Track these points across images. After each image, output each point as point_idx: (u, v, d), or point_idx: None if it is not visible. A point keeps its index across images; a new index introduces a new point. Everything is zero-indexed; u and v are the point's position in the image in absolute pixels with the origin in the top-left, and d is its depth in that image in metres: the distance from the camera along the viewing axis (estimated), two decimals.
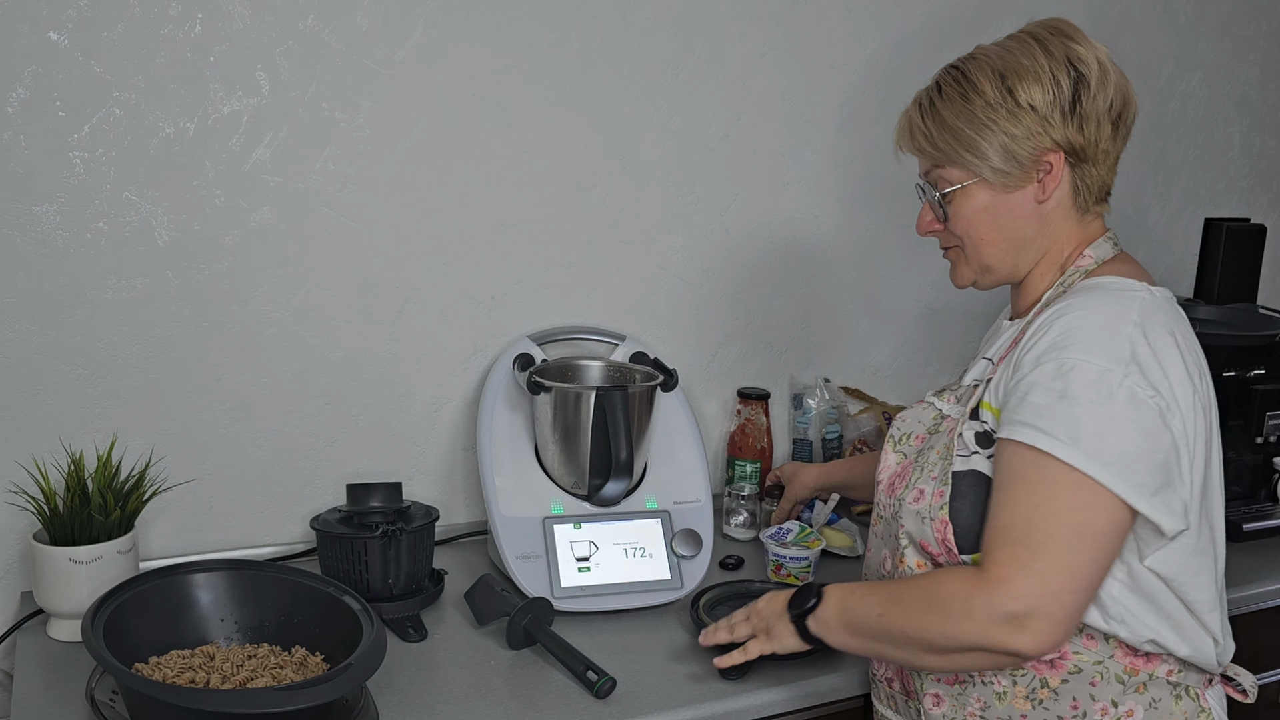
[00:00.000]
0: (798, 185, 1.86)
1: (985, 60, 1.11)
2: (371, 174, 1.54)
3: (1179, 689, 1.08)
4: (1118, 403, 0.96)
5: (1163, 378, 0.99)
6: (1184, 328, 1.07)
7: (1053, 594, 0.95)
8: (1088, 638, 1.06)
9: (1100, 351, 0.99)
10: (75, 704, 1.18)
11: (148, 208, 1.43)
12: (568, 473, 1.50)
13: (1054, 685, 1.07)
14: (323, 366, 1.57)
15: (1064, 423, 0.97)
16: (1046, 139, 1.08)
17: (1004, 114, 1.08)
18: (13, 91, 1.33)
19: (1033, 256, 1.14)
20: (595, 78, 1.66)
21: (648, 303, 1.79)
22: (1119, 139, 1.12)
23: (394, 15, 1.51)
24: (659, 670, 1.30)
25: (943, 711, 1.12)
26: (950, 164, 1.13)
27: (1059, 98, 1.08)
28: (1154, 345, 1.00)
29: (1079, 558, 0.96)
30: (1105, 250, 1.14)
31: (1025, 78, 1.08)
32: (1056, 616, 0.95)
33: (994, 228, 1.13)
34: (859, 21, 1.84)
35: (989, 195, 1.12)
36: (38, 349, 1.40)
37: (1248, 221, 2.31)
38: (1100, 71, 1.08)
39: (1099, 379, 0.97)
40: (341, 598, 1.23)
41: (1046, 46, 1.09)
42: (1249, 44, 2.29)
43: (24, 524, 1.41)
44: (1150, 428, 0.98)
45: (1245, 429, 1.83)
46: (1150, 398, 0.98)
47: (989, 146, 1.09)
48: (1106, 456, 0.96)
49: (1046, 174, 1.10)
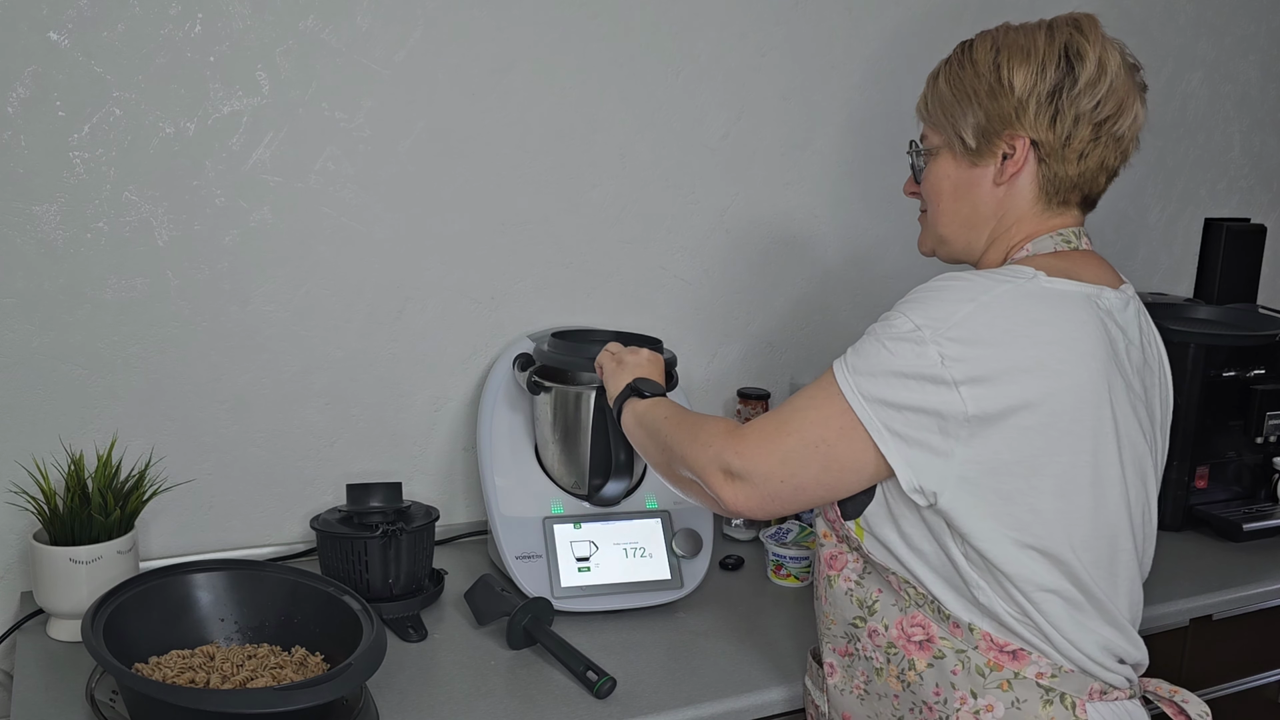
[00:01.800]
0: (798, 185, 1.86)
1: (992, 36, 1.12)
2: (371, 174, 1.54)
3: (1051, 694, 1.03)
4: (908, 358, 0.99)
5: (975, 356, 0.98)
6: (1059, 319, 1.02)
7: (768, 474, 1.05)
8: (954, 625, 1.05)
9: (922, 314, 1.01)
10: (75, 704, 1.18)
11: (148, 208, 1.43)
12: (568, 473, 1.50)
13: (920, 669, 1.07)
14: (323, 366, 1.57)
15: (859, 356, 1.03)
16: (1017, 123, 1.07)
17: (985, 88, 1.09)
18: (13, 91, 1.33)
19: (984, 238, 1.14)
20: (595, 77, 1.66)
21: (648, 303, 1.79)
22: (1101, 145, 1.08)
23: (394, 15, 1.51)
24: (659, 670, 1.30)
25: (835, 681, 1.16)
26: (933, 127, 1.15)
27: (1040, 84, 1.06)
28: (981, 327, 0.99)
29: (808, 463, 1.04)
30: (1045, 245, 1.11)
31: (1015, 57, 1.07)
32: (761, 491, 1.06)
33: (953, 199, 1.14)
34: (859, 21, 1.84)
35: (954, 165, 1.13)
36: (38, 349, 1.40)
37: (1248, 221, 2.31)
38: (1096, 71, 1.06)
39: (906, 334, 1.00)
40: (341, 598, 1.23)
41: (1052, 33, 1.08)
42: (1249, 44, 2.29)
43: (24, 524, 1.41)
44: (930, 392, 0.98)
45: (1245, 429, 1.83)
46: (946, 366, 0.98)
47: (964, 117, 1.10)
48: (872, 396, 1.00)
49: (1010, 158, 1.09)
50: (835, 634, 1.16)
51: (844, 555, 1.13)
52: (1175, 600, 1.54)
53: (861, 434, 1.01)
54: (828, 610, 1.16)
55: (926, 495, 1.01)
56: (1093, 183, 1.11)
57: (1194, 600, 1.56)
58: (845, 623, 1.13)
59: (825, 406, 1.04)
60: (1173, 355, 1.77)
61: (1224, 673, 1.65)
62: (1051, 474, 1.01)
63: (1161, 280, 2.31)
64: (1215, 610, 1.59)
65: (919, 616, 1.07)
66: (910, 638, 1.08)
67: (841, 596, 1.13)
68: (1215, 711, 1.13)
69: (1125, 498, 1.06)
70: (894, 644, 1.09)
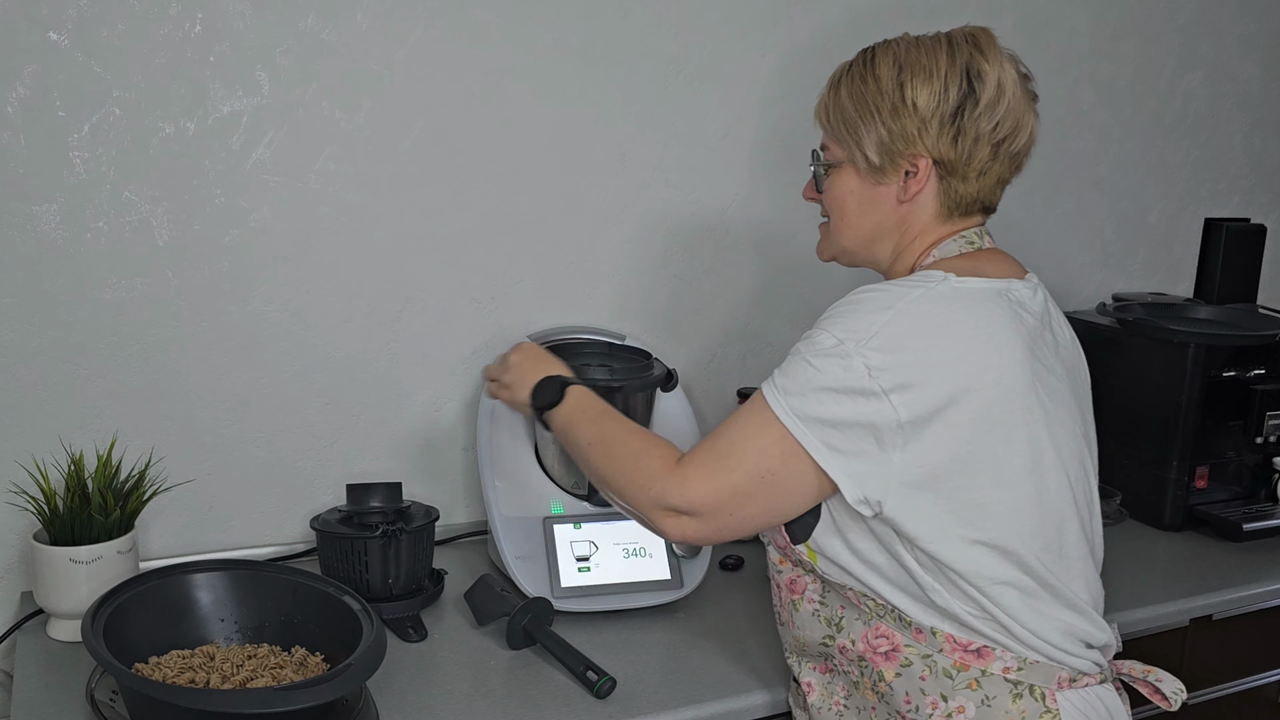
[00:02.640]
0: (798, 185, 1.85)
1: (894, 50, 1.12)
2: (371, 174, 1.54)
3: (1020, 687, 1.04)
4: (835, 373, 1.01)
5: (898, 363, 1.00)
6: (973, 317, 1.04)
7: (716, 510, 1.05)
8: (916, 631, 1.06)
9: (843, 328, 1.03)
10: (75, 704, 1.18)
11: (148, 207, 1.43)
12: (567, 473, 1.50)
13: (889, 679, 1.07)
14: (323, 366, 1.57)
15: (787, 377, 1.04)
16: (919, 143, 1.09)
17: (889, 106, 1.09)
18: (13, 91, 1.33)
19: (889, 250, 1.16)
20: (595, 78, 1.66)
21: (648, 303, 1.79)
22: (999, 163, 1.10)
23: (394, 15, 1.51)
24: (659, 670, 1.30)
25: (814, 699, 1.16)
26: (835, 140, 1.16)
27: (942, 105, 1.07)
28: (900, 333, 1.01)
29: (754, 495, 1.05)
30: (950, 249, 1.13)
31: (918, 76, 1.08)
32: (710, 525, 1.07)
33: (857, 213, 1.16)
34: (859, 21, 1.84)
35: (857, 182, 1.14)
36: (38, 349, 1.40)
37: (1248, 221, 2.31)
38: (995, 92, 1.07)
39: (829, 350, 1.02)
40: (341, 598, 1.23)
41: (953, 52, 1.09)
42: (1250, 44, 2.29)
43: (24, 524, 1.41)
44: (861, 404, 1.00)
45: (1245, 429, 1.83)
46: (873, 377, 0.99)
47: (867, 135, 1.11)
48: (806, 415, 1.01)
49: (912, 175, 1.10)
50: (810, 654, 1.17)
51: (803, 578, 1.15)
52: (1175, 600, 1.54)
53: (803, 456, 1.02)
54: (798, 634, 1.17)
55: (871, 505, 1.02)
56: (990, 196, 1.13)
57: (1194, 600, 1.56)
58: (816, 643, 1.15)
59: (763, 434, 1.04)
60: (1173, 355, 1.79)
61: (1224, 673, 1.65)
62: (989, 467, 1.02)
63: (1161, 280, 2.31)
64: (1215, 610, 1.59)
65: (882, 627, 1.08)
66: (876, 649, 1.08)
67: (809, 619, 1.15)
68: (1215, 711, 1.14)
69: (1066, 480, 1.08)
70: (863, 657, 1.10)
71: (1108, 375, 1.91)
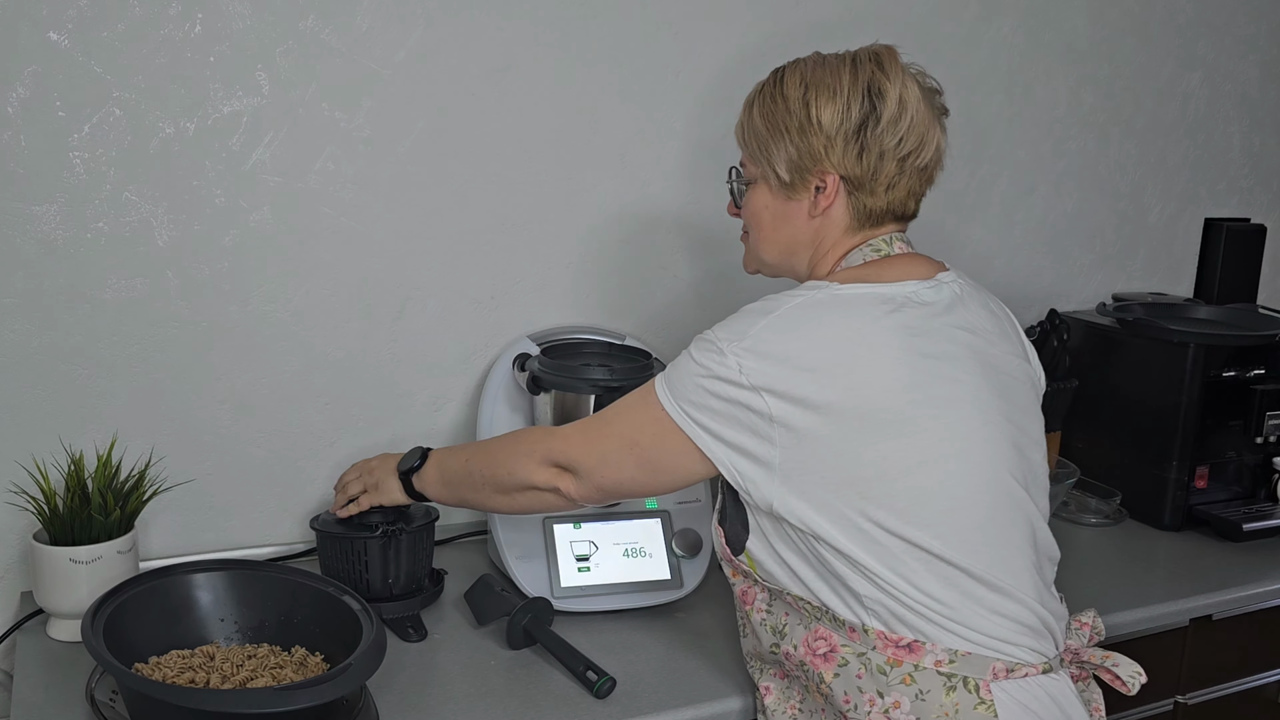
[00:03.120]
0: None
1: (801, 70, 1.16)
2: (371, 174, 1.54)
3: (953, 679, 1.04)
4: (711, 368, 1.08)
5: (769, 363, 1.05)
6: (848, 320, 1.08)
7: (591, 468, 1.17)
8: (850, 630, 1.07)
9: (724, 330, 1.09)
10: (75, 704, 1.18)
11: (148, 207, 1.43)
12: None
13: (829, 680, 1.09)
14: (323, 366, 1.57)
15: (672, 369, 1.13)
16: (826, 160, 1.13)
17: (796, 125, 1.13)
18: (13, 91, 1.33)
19: (805, 262, 1.20)
20: (595, 78, 1.66)
21: (648, 303, 1.79)
22: (906, 177, 1.14)
23: (394, 15, 1.51)
24: (659, 670, 1.30)
25: (770, 701, 1.18)
26: (749, 158, 1.21)
27: (845, 122, 1.11)
28: (774, 335, 1.07)
29: (625, 464, 1.15)
30: (855, 259, 1.17)
31: (822, 95, 1.12)
32: (589, 483, 1.17)
33: (771, 229, 1.21)
34: (859, 21, 1.84)
35: (771, 198, 1.19)
36: (37, 349, 1.40)
37: (1248, 221, 2.31)
38: (898, 109, 1.11)
39: (708, 348, 1.09)
40: (341, 598, 1.23)
41: (856, 70, 1.12)
42: (1249, 44, 2.29)
43: (24, 524, 1.41)
44: (734, 396, 1.06)
45: (1245, 429, 1.83)
46: (744, 373, 1.05)
47: (777, 153, 1.15)
48: (684, 402, 1.09)
49: (822, 191, 1.14)
50: (767, 660, 1.19)
51: (752, 589, 1.18)
52: (1175, 600, 1.54)
53: (676, 437, 1.10)
54: (754, 645, 1.19)
55: (756, 500, 1.07)
56: (902, 208, 1.17)
57: (1194, 600, 1.56)
58: (767, 651, 1.17)
59: (641, 411, 1.14)
60: (1173, 355, 1.79)
61: (1224, 673, 1.65)
62: (875, 463, 1.04)
63: (1161, 280, 2.31)
64: (1215, 610, 1.59)
65: (820, 629, 1.10)
66: (815, 651, 1.10)
67: (759, 627, 1.17)
68: (1215, 711, 1.14)
69: (978, 467, 1.08)
70: (804, 661, 1.11)
71: (1108, 375, 1.91)
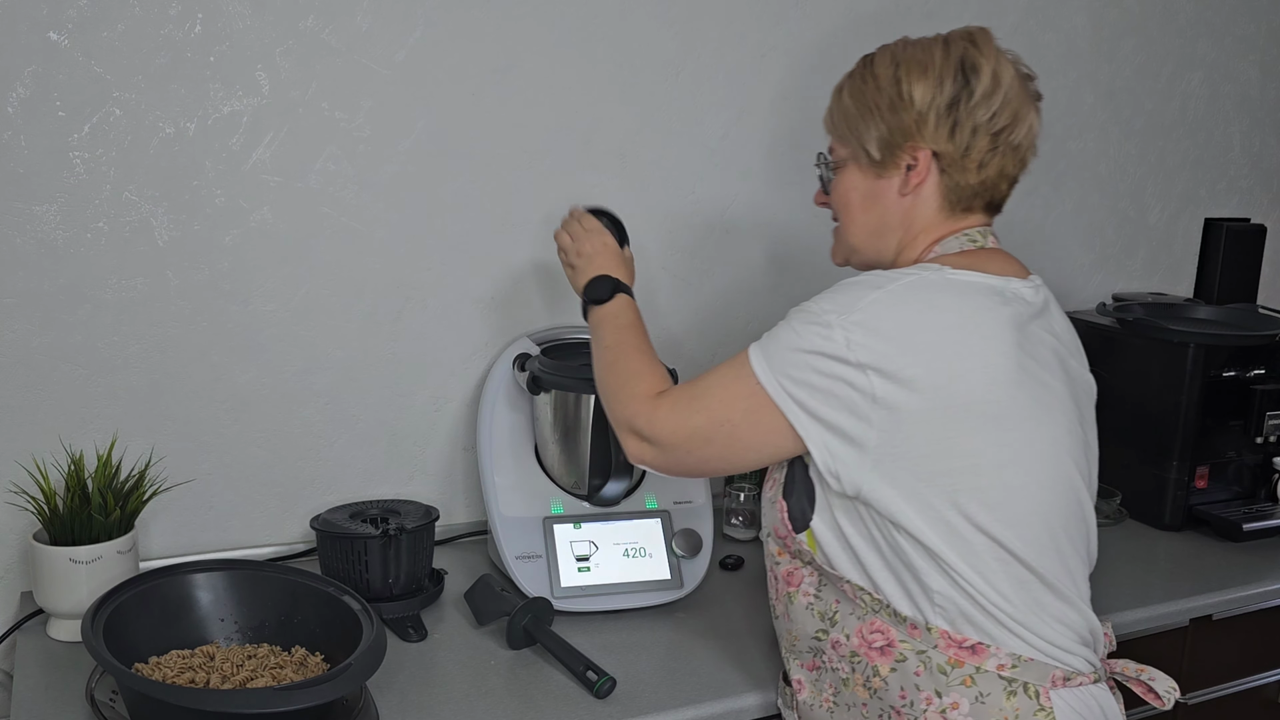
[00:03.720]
0: (798, 185, 1.86)
1: (891, 50, 1.16)
2: (371, 174, 1.54)
3: (1014, 685, 1.04)
4: (816, 340, 1.04)
5: (879, 340, 1.02)
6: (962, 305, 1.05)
7: (675, 445, 1.13)
8: (911, 627, 1.06)
9: (832, 301, 1.06)
10: (75, 704, 1.18)
11: (148, 207, 1.43)
12: (568, 473, 1.50)
13: (884, 674, 1.07)
14: (323, 366, 1.57)
15: (772, 339, 1.09)
16: (918, 135, 1.11)
17: (887, 102, 1.13)
18: (13, 91, 1.33)
19: (893, 246, 1.18)
20: (595, 77, 1.66)
21: (648, 303, 1.78)
22: (999, 155, 1.12)
23: (394, 15, 1.51)
24: (659, 670, 1.30)
25: (804, 697, 1.16)
26: (839, 141, 1.20)
27: (938, 98, 1.10)
28: (885, 311, 1.04)
29: (713, 440, 1.10)
30: (951, 246, 1.15)
31: (913, 72, 1.12)
32: (666, 457, 1.14)
33: (860, 210, 1.19)
34: (859, 21, 1.84)
35: (861, 178, 1.17)
36: (37, 349, 1.40)
37: (1248, 221, 2.31)
38: (991, 83, 1.10)
39: (814, 319, 1.05)
40: (341, 598, 1.23)
41: (948, 47, 1.12)
42: (1249, 44, 2.29)
43: (24, 524, 1.41)
44: (838, 372, 1.02)
45: (1245, 429, 1.83)
46: (851, 349, 1.02)
47: (868, 131, 1.14)
48: (782, 375, 1.05)
49: (913, 169, 1.13)
50: (801, 649, 1.16)
51: (800, 570, 1.15)
52: (1175, 600, 1.54)
53: (770, 413, 1.06)
54: (790, 627, 1.17)
55: (845, 483, 1.04)
56: (994, 190, 1.15)
57: (1194, 600, 1.56)
58: (809, 637, 1.14)
59: (735, 385, 1.09)
60: (1173, 355, 1.79)
61: (1224, 673, 1.65)
62: (970, 455, 1.03)
63: (1161, 280, 2.31)
64: (1215, 610, 1.59)
65: (877, 622, 1.08)
66: (871, 644, 1.08)
67: (802, 611, 1.15)
68: (1215, 711, 1.13)
69: (1057, 474, 1.08)
70: (856, 652, 1.10)
71: (1108, 375, 1.90)
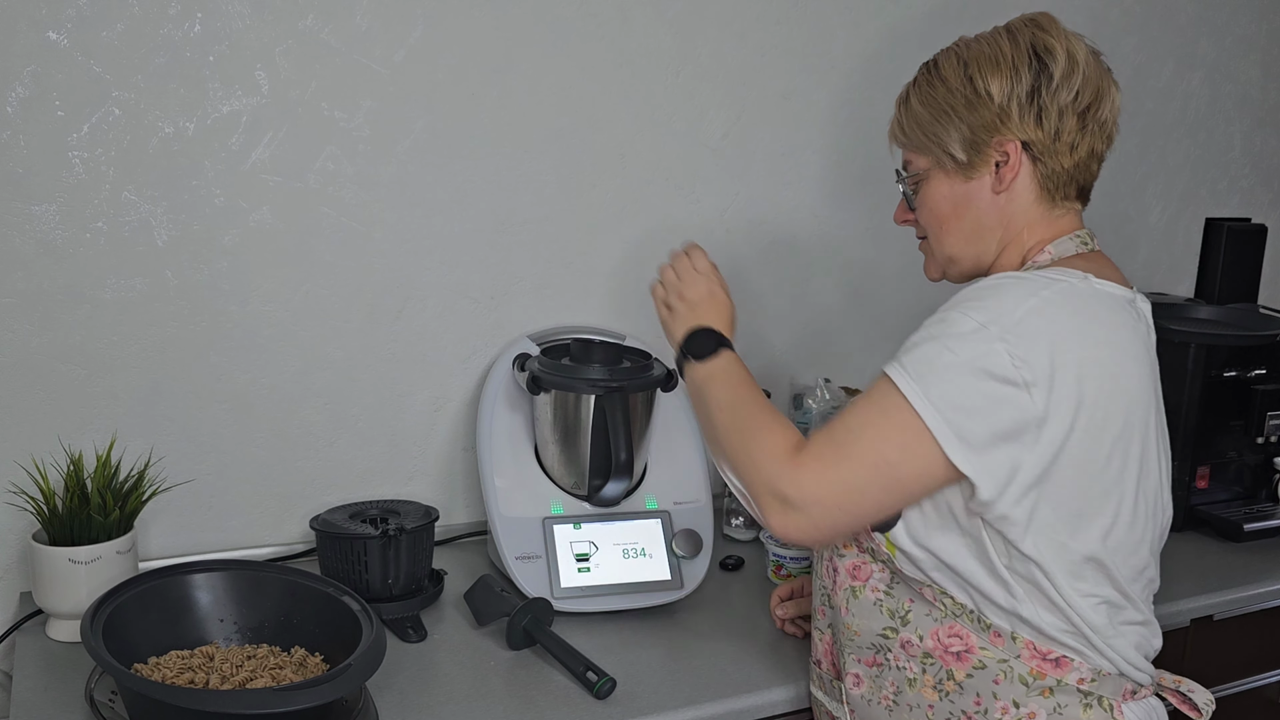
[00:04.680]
0: (798, 185, 1.86)
1: (955, 50, 1.12)
2: (371, 174, 1.54)
3: (1090, 698, 1.03)
4: (976, 357, 0.96)
5: (1042, 355, 0.96)
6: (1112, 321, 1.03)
7: (827, 505, 1.01)
8: (995, 635, 1.04)
9: (982, 311, 0.99)
10: (75, 704, 1.17)
11: (147, 207, 1.42)
12: (568, 473, 1.50)
13: (959, 679, 1.05)
14: (323, 366, 1.57)
15: (919, 360, 0.99)
16: (1004, 129, 1.08)
17: (963, 102, 1.09)
18: (12, 91, 1.33)
19: (993, 247, 1.13)
20: (595, 78, 1.66)
21: (648, 303, 1.77)
22: (1088, 134, 1.08)
23: (394, 15, 1.51)
24: (659, 670, 1.30)
25: (861, 692, 1.13)
26: (916, 151, 1.15)
27: (1017, 88, 1.07)
28: (1045, 324, 0.98)
29: (870, 489, 1.00)
30: (1067, 247, 1.10)
31: (985, 66, 1.08)
32: (818, 523, 1.01)
33: (954, 216, 1.13)
34: (859, 21, 1.84)
35: (949, 183, 1.12)
36: (37, 349, 1.40)
37: (1248, 221, 2.31)
38: (1068, 64, 1.06)
39: (969, 333, 0.98)
40: (341, 598, 1.23)
41: (1015, 36, 1.09)
42: (1249, 44, 2.29)
43: (23, 524, 1.41)
44: (1002, 393, 0.96)
45: (1245, 429, 1.83)
46: (1016, 366, 0.96)
47: (948, 134, 1.10)
48: (940, 401, 0.97)
49: (1004, 164, 1.09)
50: (861, 645, 1.12)
51: (868, 565, 1.11)
52: (1175, 600, 1.54)
53: (927, 445, 0.97)
54: (850, 621, 1.12)
55: (991, 506, 0.98)
56: (1086, 171, 1.11)
57: (1194, 600, 1.56)
58: (874, 634, 1.11)
59: (883, 421, 0.99)
60: (1173, 355, 1.78)
61: (1224, 673, 1.65)
62: (1106, 479, 1.01)
63: (1162, 280, 2.31)
64: (1215, 610, 1.58)
65: (956, 626, 1.05)
66: (948, 648, 1.05)
67: (869, 607, 1.11)
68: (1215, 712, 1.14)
69: (1164, 498, 1.08)
70: (930, 654, 1.06)
71: None
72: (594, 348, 1.52)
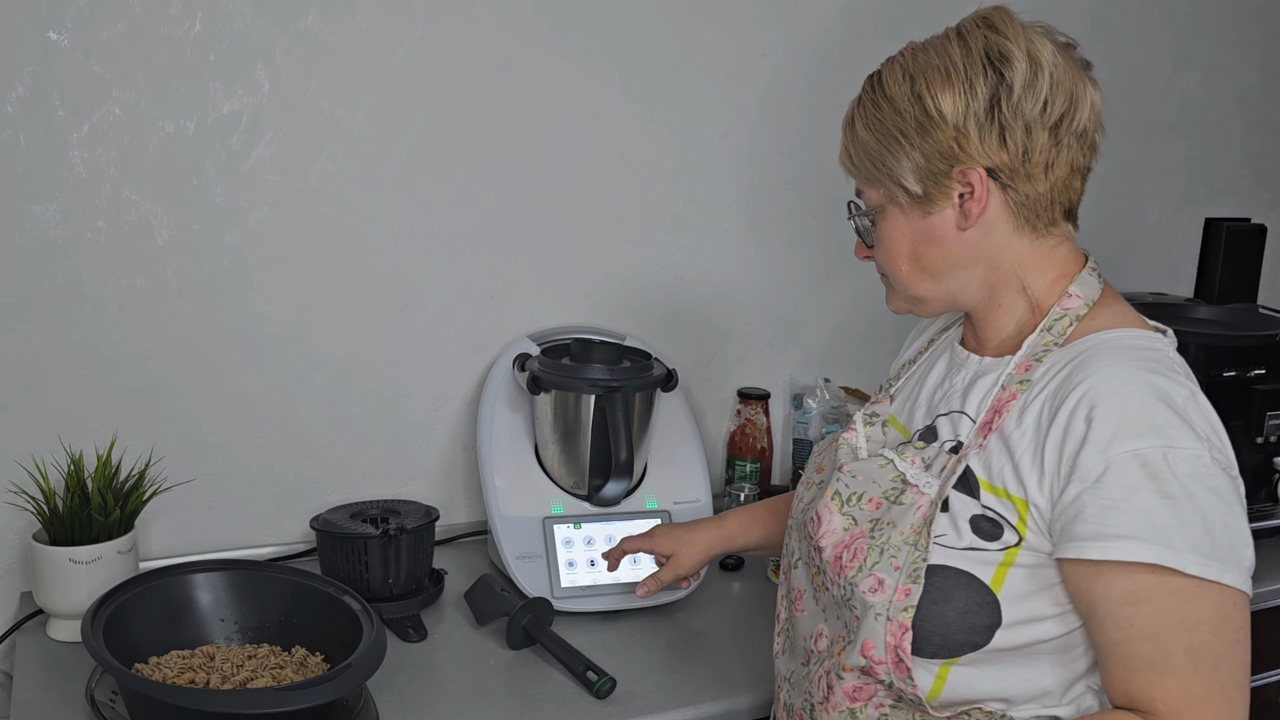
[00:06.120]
0: (797, 185, 1.86)
1: (899, 62, 0.96)
2: (372, 173, 1.54)
3: None
4: (1219, 487, 0.84)
5: (1226, 439, 0.87)
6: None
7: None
8: None
9: (1177, 432, 0.84)
10: (75, 704, 1.17)
11: (147, 206, 1.42)
12: (568, 473, 1.50)
13: None
14: (323, 366, 1.57)
15: (1180, 529, 0.82)
16: (963, 155, 0.92)
17: (913, 125, 0.93)
18: (12, 90, 1.33)
19: (975, 287, 0.98)
20: (595, 77, 1.66)
21: (648, 302, 1.78)
22: (1065, 148, 0.92)
23: (394, 14, 1.51)
24: (659, 670, 1.30)
25: None
26: (867, 183, 1.00)
27: (973, 104, 0.91)
28: (1205, 406, 0.88)
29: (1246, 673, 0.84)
30: (1093, 288, 0.96)
31: (934, 80, 0.92)
32: None
33: (912, 258, 0.98)
34: (859, 21, 1.84)
35: (905, 220, 0.97)
36: (37, 348, 1.40)
37: (1248, 221, 2.31)
38: (1029, 69, 0.90)
39: (1193, 468, 0.83)
40: (341, 598, 1.23)
41: (966, 41, 0.93)
42: (1248, 44, 2.29)
43: (24, 524, 1.41)
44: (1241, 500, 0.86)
45: (1245, 429, 1.83)
46: (1229, 467, 0.85)
47: (899, 164, 0.94)
48: (1230, 556, 0.83)
49: (968, 196, 0.93)
50: None
51: (871, 686, 0.95)
52: None
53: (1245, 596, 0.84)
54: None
55: None
56: (1068, 191, 0.95)
57: None
58: None
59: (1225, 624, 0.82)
60: None
61: None
62: None
63: (1161, 280, 2.32)
64: None
65: None
66: None
67: None
68: None
69: None
70: None
71: None
72: (594, 348, 1.52)
